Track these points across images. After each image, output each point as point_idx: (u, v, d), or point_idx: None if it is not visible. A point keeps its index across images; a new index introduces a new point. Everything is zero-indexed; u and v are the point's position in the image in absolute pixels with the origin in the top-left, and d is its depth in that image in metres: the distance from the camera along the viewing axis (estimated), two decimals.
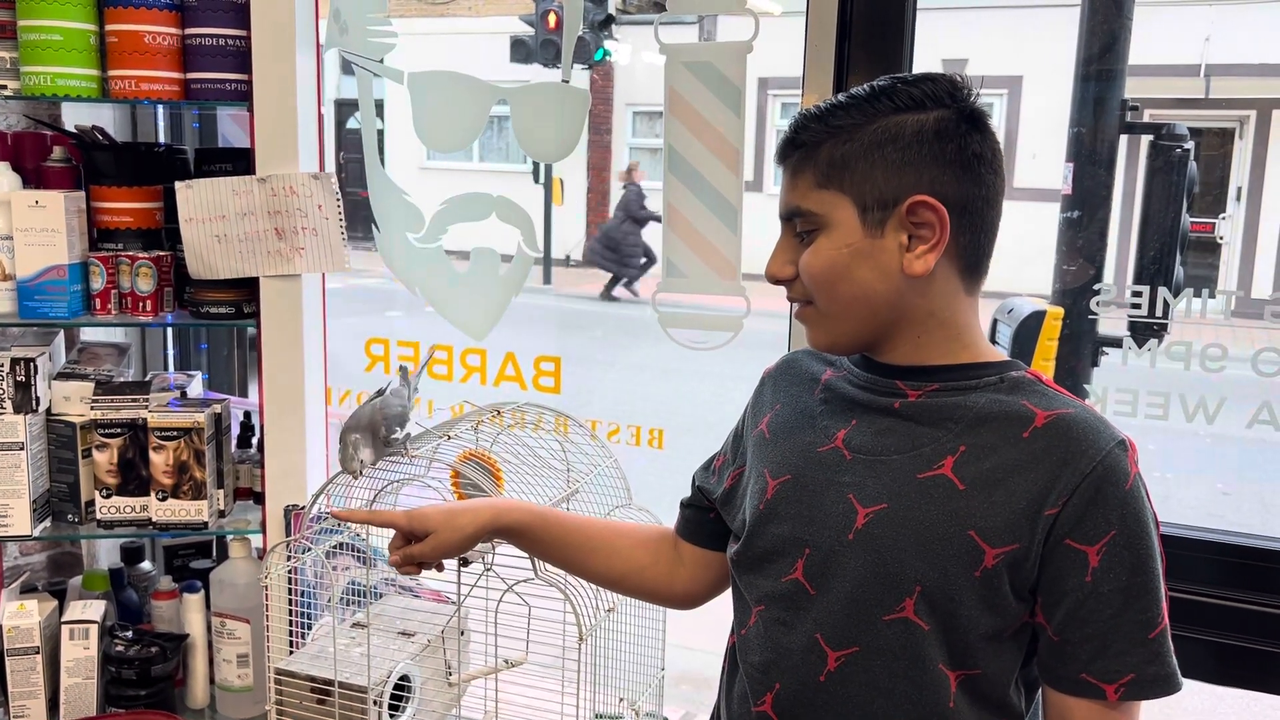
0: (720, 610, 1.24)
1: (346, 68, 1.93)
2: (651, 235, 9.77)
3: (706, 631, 1.51)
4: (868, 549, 0.98)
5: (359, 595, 1.73)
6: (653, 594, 1.28)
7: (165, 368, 2.29)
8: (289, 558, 1.61)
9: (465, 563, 1.40)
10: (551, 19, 7.89)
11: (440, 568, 1.25)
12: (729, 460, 1.19)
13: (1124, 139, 2.40)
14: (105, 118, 2.05)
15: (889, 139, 0.96)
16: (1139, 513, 0.94)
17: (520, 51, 8.15)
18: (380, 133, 2.00)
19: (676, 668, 1.71)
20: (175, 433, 1.80)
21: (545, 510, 1.26)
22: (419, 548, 1.19)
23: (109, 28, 1.74)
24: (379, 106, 1.98)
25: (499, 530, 1.21)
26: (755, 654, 1.06)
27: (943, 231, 0.96)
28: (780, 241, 1.05)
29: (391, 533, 1.24)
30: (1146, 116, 2.45)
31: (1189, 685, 0.99)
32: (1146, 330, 1.62)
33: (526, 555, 1.33)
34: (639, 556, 1.25)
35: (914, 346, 1.01)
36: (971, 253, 1.00)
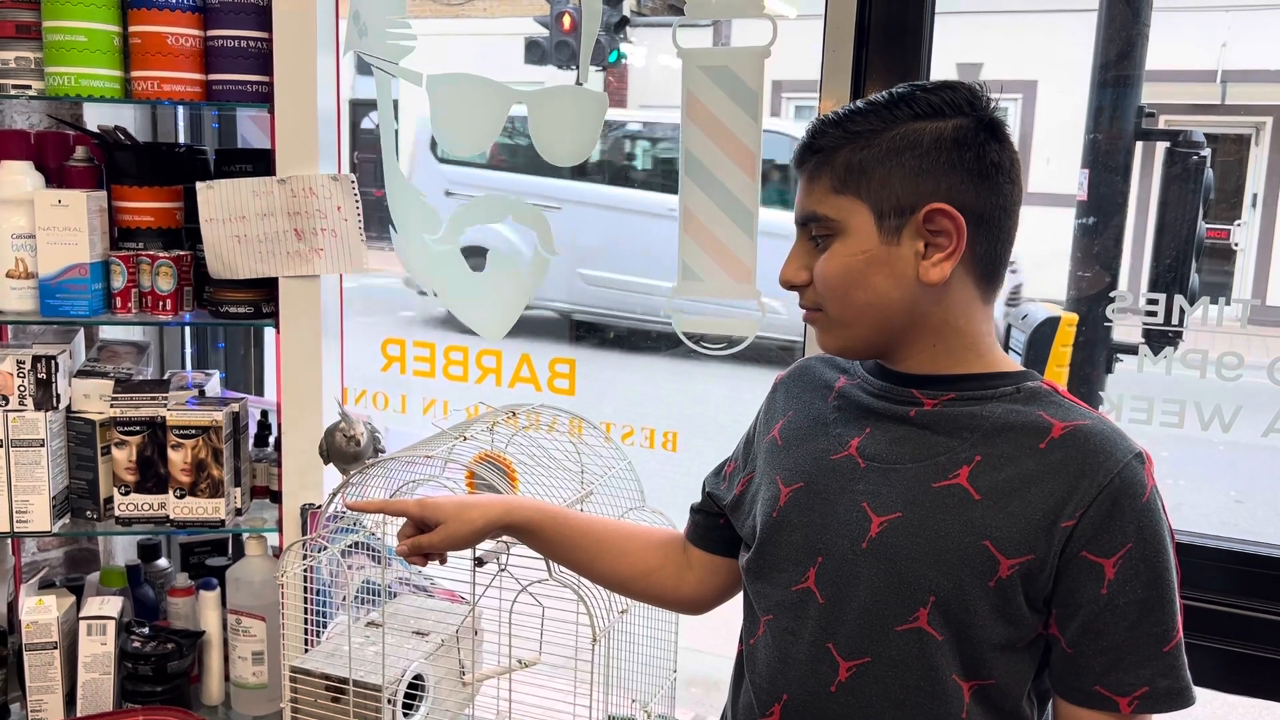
0: (732, 614, 1.25)
1: (362, 68, 1.95)
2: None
3: (717, 635, 1.52)
4: (881, 558, 0.98)
5: (374, 594, 1.74)
6: (660, 598, 1.28)
7: (183, 366, 2.31)
8: (305, 556, 1.62)
9: (480, 563, 1.41)
10: (566, 21, 7.90)
11: (444, 560, 1.26)
12: (739, 466, 1.19)
13: (1140, 145, 2.40)
14: (126, 118, 2.07)
15: (907, 146, 0.96)
16: (1156, 526, 0.94)
17: (534, 53, 8.16)
18: (396, 133, 2.01)
19: (687, 671, 1.72)
20: (193, 431, 1.81)
21: (556, 509, 1.26)
22: (428, 537, 1.20)
23: (132, 29, 1.75)
24: (396, 108, 2.00)
25: (508, 526, 1.21)
26: (762, 664, 1.06)
27: (959, 240, 0.96)
28: (795, 246, 1.04)
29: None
30: (1162, 122, 2.44)
31: (1200, 694, 0.99)
32: (1162, 337, 1.62)
33: (541, 556, 1.34)
34: (647, 559, 1.25)
35: (929, 355, 1.01)
36: (988, 262, 0.99)
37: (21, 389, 1.76)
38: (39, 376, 1.77)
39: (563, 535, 1.23)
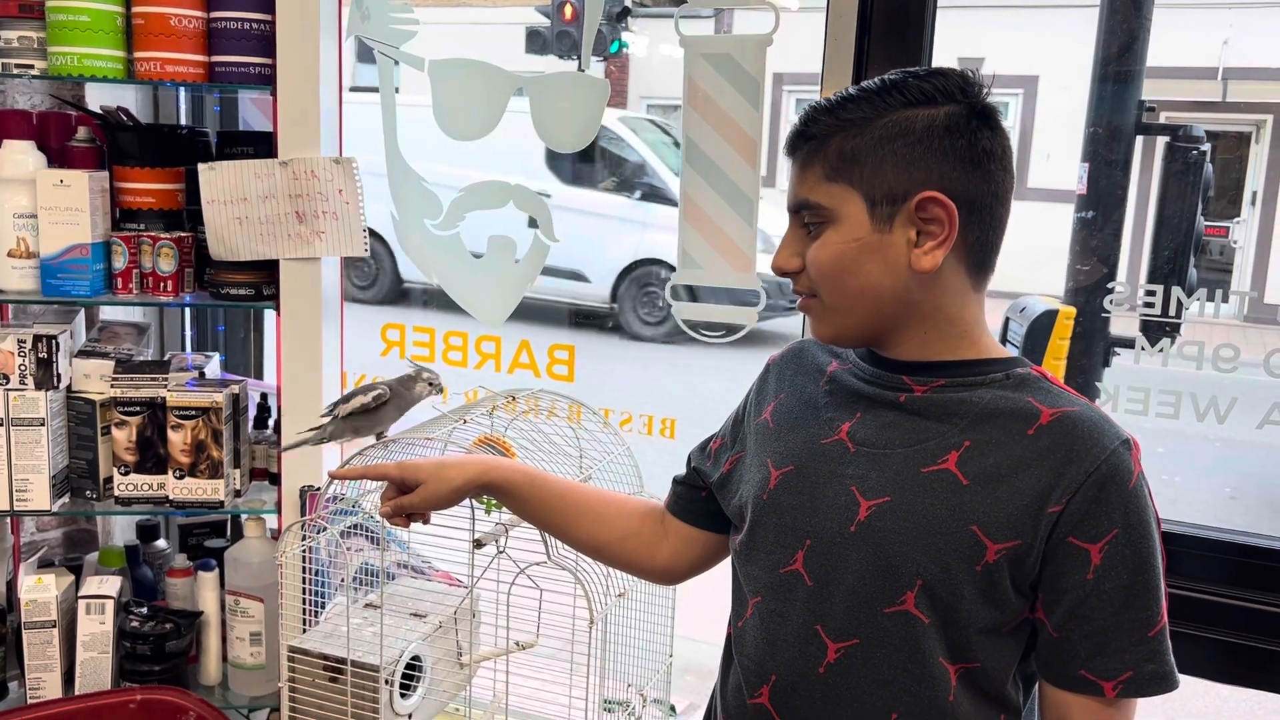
0: (727, 603, 1.26)
1: (361, 56, 1.95)
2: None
3: (712, 623, 1.53)
4: (869, 542, 0.98)
5: (372, 576, 1.75)
6: (633, 564, 1.28)
7: (183, 348, 2.31)
8: (304, 538, 1.63)
9: (479, 545, 1.42)
10: (568, 10, 7.88)
11: (427, 520, 1.27)
12: (727, 444, 1.19)
13: (1140, 140, 2.40)
14: (128, 99, 2.07)
15: (899, 133, 0.96)
16: (1142, 512, 0.95)
17: (536, 43, 8.14)
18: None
19: (682, 659, 1.72)
20: (193, 412, 1.82)
21: (534, 471, 1.26)
22: (408, 498, 1.21)
23: (135, 10, 1.75)
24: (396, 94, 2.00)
25: (486, 485, 1.22)
26: (751, 646, 1.06)
27: (951, 228, 0.96)
28: (788, 234, 1.04)
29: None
30: (1163, 118, 2.45)
31: (1195, 685, 1.00)
32: (1159, 330, 1.62)
33: (539, 539, 1.34)
34: (623, 525, 1.25)
35: (920, 342, 1.01)
36: (979, 249, 1.00)
37: (22, 368, 1.77)
38: (40, 356, 1.77)
39: (540, 497, 1.24)
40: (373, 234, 1.82)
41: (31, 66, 1.77)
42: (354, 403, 1.53)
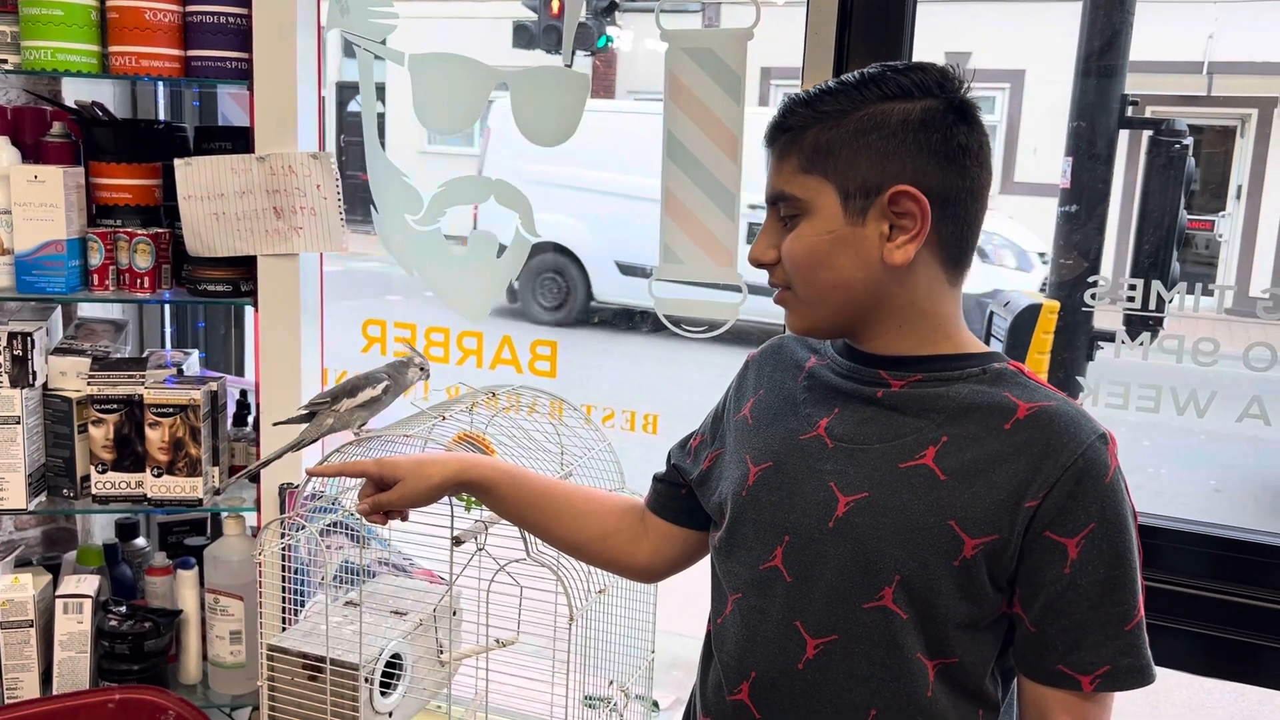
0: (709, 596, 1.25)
1: (348, 50, 1.93)
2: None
3: (696, 619, 1.52)
4: (848, 538, 0.98)
5: (352, 574, 1.74)
6: (613, 562, 1.28)
7: (162, 345, 2.30)
8: (283, 535, 1.62)
9: (458, 542, 1.41)
10: (555, 4, 7.86)
11: (405, 517, 1.26)
12: (706, 441, 1.19)
13: (1124, 134, 2.41)
14: (105, 94, 2.05)
15: (874, 127, 0.96)
16: (1118, 506, 0.95)
17: (523, 37, 8.11)
18: (380, 115, 2.00)
19: (668, 654, 1.72)
20: (171, 409, 1.80)
21: (514, 469, 1.26)
22: (386, 495, 1.20)
23: (110, 3, 1.74)
24: (379, 90, 1.98)
25: (465, 483, 1.22)
26: (730, 642, 1.06)
27: (924, 222, 0.96)
28: (765, 225, 1.04)
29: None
30: (1148, 113, 2.46)
31: (1178, 679, 1.00)
32: (1141, 324, 1.62)
33: (519, 535, 1.33)
34: (603, 523, 1.25)
35: (896, 336, 1.01)
36: (954, 244, 0.99)
37: None
38: (15, 353, 1.76)
39: (519, 494, 1.23)
40: (565, 252, 1.79)
41: (5, 61, 1.76)
42: (362, 396, 1.50)
